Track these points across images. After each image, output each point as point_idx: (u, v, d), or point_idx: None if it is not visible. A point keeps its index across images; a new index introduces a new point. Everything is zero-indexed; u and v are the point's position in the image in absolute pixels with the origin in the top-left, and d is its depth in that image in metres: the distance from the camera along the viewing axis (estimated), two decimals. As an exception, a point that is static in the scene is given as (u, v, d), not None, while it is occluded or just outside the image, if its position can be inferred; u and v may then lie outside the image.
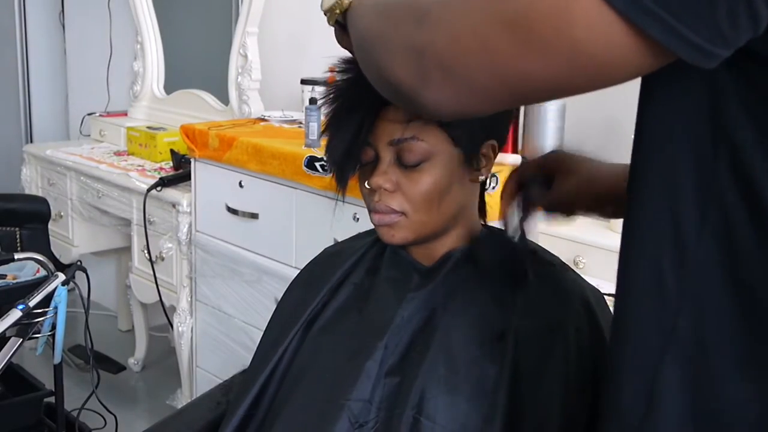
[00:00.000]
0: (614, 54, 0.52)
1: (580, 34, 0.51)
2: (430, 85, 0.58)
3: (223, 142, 2.16)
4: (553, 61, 0.53)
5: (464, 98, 0.58)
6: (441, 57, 0.57)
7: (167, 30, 3.19)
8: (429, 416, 0.92)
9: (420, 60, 0.58)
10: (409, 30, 0.59)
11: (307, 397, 1.01)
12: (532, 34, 0.52)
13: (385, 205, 0.99)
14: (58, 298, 1.75)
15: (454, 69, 0.56)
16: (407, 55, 0.59)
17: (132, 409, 2.79)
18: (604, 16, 0.50)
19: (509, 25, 0.53)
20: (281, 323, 1.14)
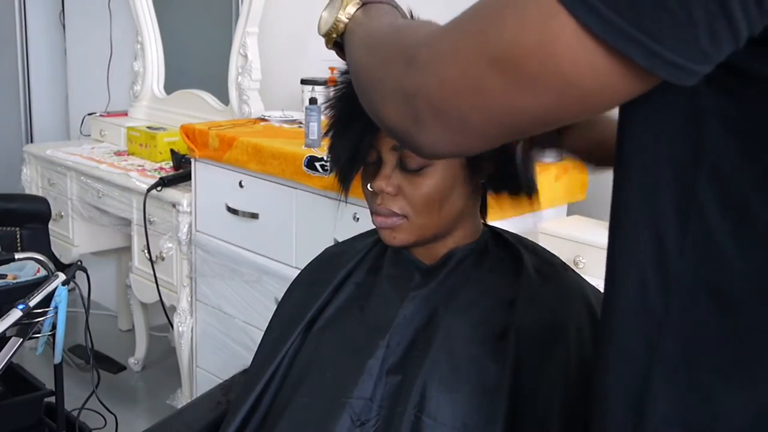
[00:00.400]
0: (601, 81, 0.52)
1: (566, 66, 0.51)
2: (423, 128, 0.58)
3: (223, 142, 2.16)
4: (543, 95, 0.53)
5: (459, 138, 0.59)
6: (432, 100, 0.57)
7: (167, 30, 3.19)
8: (430, 414, 0.93)
9: (411, 104, 0.58)
10: (399, 73, 0.60)
11: (310, 396, 1.01)
12: (519, 71, 0.52)
13: (387, 209, 1.00)
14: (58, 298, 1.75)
15: (446, 111, 0.57)
16: (399, 99, 0.60)
17: (132, 409, 2.79)
18: (586, 45, 0.50)
19: (496, 63, 0.53)
20: (283, 323, 1.15)
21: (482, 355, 0.95)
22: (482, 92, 0.54)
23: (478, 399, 0.93)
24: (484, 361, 0.95)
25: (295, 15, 2.75)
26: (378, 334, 1.00)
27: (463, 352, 0.96)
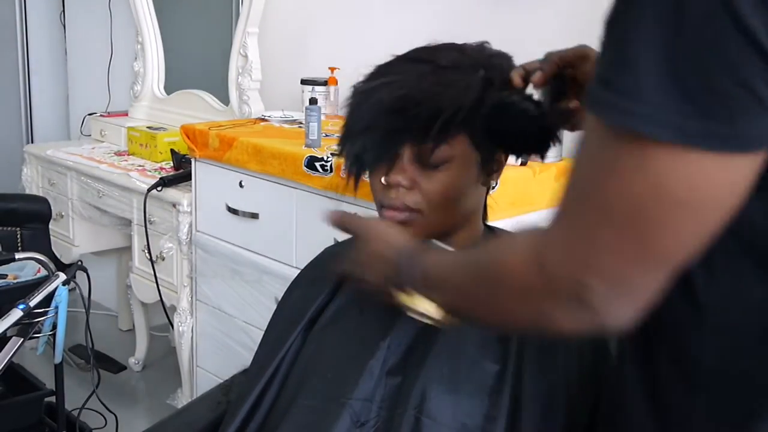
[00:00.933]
0: (727, 187, 0.56)
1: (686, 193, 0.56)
2: (604, 315, 0.61)
3: (223, 142, 2.16)
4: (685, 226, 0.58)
5: (644, 298, 0.61)
6: (602, 292, 0.60)
7: (167, 30, 3.19)
8: (430, 415, 0.93)
9: (581, 307, 0.61)
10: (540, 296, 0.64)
11: (311, 398, 1.01)
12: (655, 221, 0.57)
13: (402, 202, 0.99)
14: (58, 298, 1.75)
15: (619, 292, 0.60)
16: (567, 308, 0.62)
17: (132, 409, 2.79)
18: (691, 162, 0.54)
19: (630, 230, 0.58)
20: (283, 323, 1.15)
21: (483, 356, 0.95)
22: (636, 255, 0.58)
23: (478, 400, 0.93)
24: (484, 362, 0.95)
25: (295, 15, 2.76)
26: (379, 335, 1.00)
27: (464, 353, 0.96)
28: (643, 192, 0.55)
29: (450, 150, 0.97)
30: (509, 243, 0.70)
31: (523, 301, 0.66)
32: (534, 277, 0.62)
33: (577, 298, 0.60)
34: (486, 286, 0.70)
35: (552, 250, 0.61)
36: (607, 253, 0.58)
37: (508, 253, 0.67)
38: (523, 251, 0.64)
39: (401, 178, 0.98)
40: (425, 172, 0.98)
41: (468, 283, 0.73)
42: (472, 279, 0.72)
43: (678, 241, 0.57)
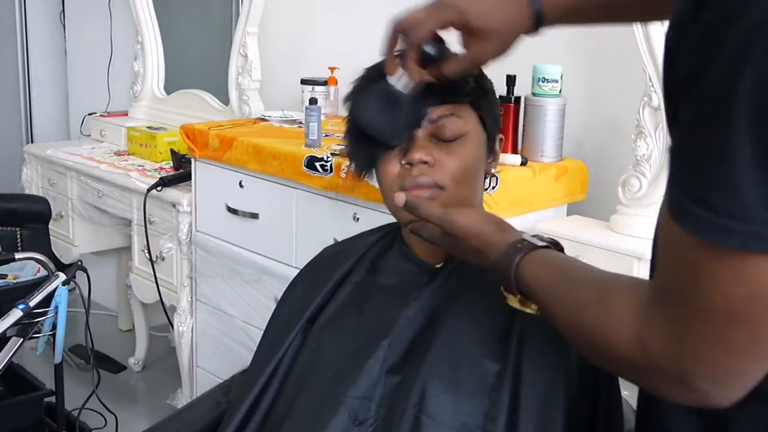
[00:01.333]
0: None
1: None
2: (715, 395, 0.63)
3: (223, 142, 2.16)
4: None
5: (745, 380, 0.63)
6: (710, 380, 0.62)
7: (167, 30, 3.19)
8: (430, 414, 0.93)
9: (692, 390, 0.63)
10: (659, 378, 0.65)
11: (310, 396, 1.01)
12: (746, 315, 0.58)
13: (428, 179, 0.99)
14: (58, 298, 1.75)
15: (724, 376, 0.62)
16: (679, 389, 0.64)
17: (132, 409, 2.79)
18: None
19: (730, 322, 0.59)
20: (282, 322, 1.15)
21: (483, 354, 0.95)
22: (733, 346, 0.59)
23: (478, 399, 0.93)
24: (484, 361, 0.95)
25: (295, 15, 2.76)
26: (381, 334, 1.00)
27: (463, 352, 0.96)
28: (747, 297, 0.56)
29: (464, 124, 1.01)
30: (612, 308, 0.69)
31: (627, 369, 0.68)
32: (639, 358, 0.64)
33: (683, 382, 0.62)
34: (590, 341, 0.71)
35: (656, 340, 0.62)
36: (714, 349, 0.59)
37: (611, 324, 0.67)
38: (627, 332, 0.65)
39: (423, 154, 0.99)
40: (444, 148, 1.00)
41: (571, 325, 0.75)
42: (575, 324, 0.73)
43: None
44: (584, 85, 2.00)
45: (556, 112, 1.87)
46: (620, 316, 0.66)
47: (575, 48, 1.98)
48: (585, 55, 2.00)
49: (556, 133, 1.88)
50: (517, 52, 0.93)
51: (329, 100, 2.44)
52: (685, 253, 0.58)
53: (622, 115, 1.87)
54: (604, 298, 0.70)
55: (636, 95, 1.70)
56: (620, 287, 0.69)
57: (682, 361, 0.61)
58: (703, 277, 0.57)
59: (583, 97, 1.99)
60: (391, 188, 1.02)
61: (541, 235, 0.88)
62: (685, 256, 0.59)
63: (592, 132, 2.03)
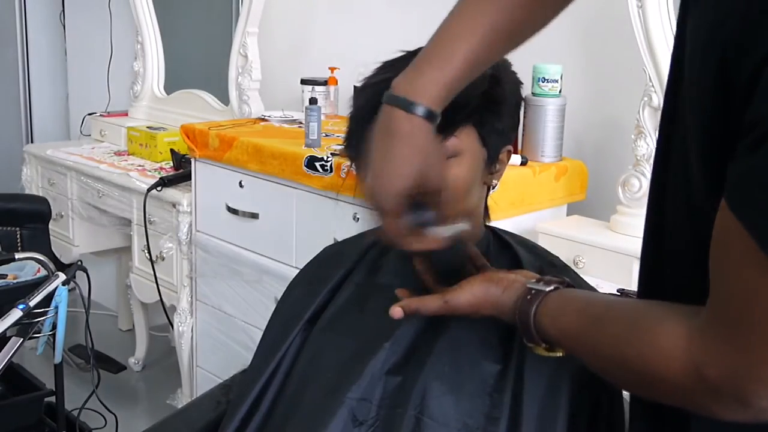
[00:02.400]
0: None
1: None
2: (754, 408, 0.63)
3: (223, 142, 2.16)
4: None
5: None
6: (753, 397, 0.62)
7: (167, 30, 3.19)
8: (431, 415, 0.92)
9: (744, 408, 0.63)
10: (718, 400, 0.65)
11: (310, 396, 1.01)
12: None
13: None
14: (58, 298, 1.75)
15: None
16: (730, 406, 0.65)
17: (132, 409, 2.79)
18: None
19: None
20: (282, 323, 1.14)
21: (484, 355, 0.95)
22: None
23: (480, 400, 0.93)
24: (486, 362, 0.95)
25: (295, 15, 2.76)
26: (381, 335, 1.00)
27: (465, 353, 0.96)
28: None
29: (459, 143, 0.98)
30: (657, 339, 0.69)
31: (679, 397, 0.68)
32: (693, 384, 0.64)
33: (742, 402, 0.62)
34: (634, 374, 0.71)
35: (714, 361, 0.62)
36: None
37: (660, 353, 0.67)
38: (679, 356, 0.65)
39: None
40: None
41: (610, 365, 0.75)
42: (615, 364, 0.73)
43: None
44: (584, 85, 2.00)
45: (556, 112, 1.87)
46: (669, 346, 0.66)
47: (575, 48, 1.98)
48: (585, 55, 2.00)
49: (556, 133, 1.88)
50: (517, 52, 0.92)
51: (329, 100, 2.44)
52: (743, 270, 0.59)
53: (622, 115, 1.87)
54: (644, 331, 0.69)
55: (636, 95, 1.70)
56: (659, 317, 0.69)
57: (742, 382, 0.61)
58: (764, 296, 0.58)
59: (583, 97, 1.99)
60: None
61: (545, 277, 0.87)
62: (743, 275, 0.59)
63: (592, 132, 2.03)
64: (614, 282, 1.60)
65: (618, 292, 1.56)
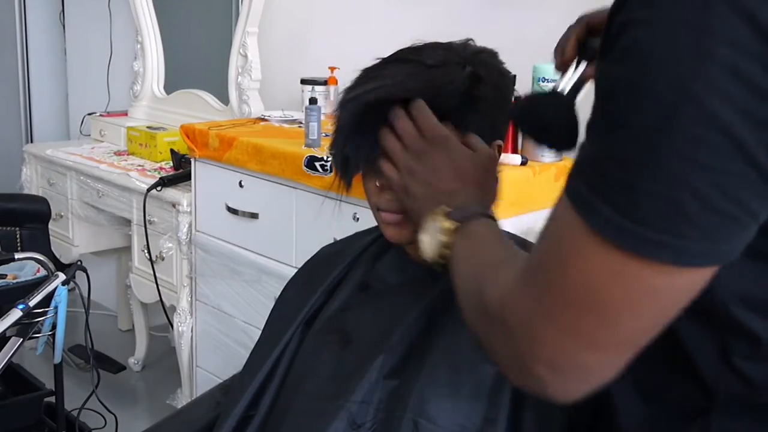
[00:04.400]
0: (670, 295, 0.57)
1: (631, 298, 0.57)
2: (548, 385, 0.62)
3: (223, 142, 2.16)
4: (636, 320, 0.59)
5: (586, 378, 0.62)
6: (544, 362, 0.61)
7: (167, 30, 3.19)
8: (429, 418, 0.92)
9: (525, 370, 0.62)
10: (500, 343, 0.65)
11: (308, 399, 1.01)
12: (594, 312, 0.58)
13: (398, 205, 0.98)
14: (58, 298, 1.75)
15: (561, 365, 0.61)
16: (512, 365, 0.64)
17: (132, 409, 2.79)
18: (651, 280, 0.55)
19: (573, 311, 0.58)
20: (277, 323, 1.14)
21: (482, 357, 0.95)
22: (580, 335, 0.58)
23: (477, 401, 0.93)
24: (483, 364, 0.94)
25: (295, 15, 2.75)
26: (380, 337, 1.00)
27: (462, 355, 0.95)
28: (619, 294, 0.56)
29: None
30: (499, 270, 0.69)
31: (488, 331, 0.68)
32: (499, 322, 0.64)
33: (524, 362, 0.61)
34: (474, 306, 0.71)
35: (515, 308, 0.62)
36: (559, 330, 0.59)
37: (491, 288, 0.67)
38: (499, 292, 0.65)
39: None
40: None
41: (462, 295, 0.75)
42: (467, 294, 0.74)
43: (636, 333, 0.59)
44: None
45: (556, 112, 1.87)
46: (500, 282, 0.66)
47: (575, 48, 1.98)
48: (585, 55, 2.00)
49: (556, 133, 1.88)
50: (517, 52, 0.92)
51: (329, 99, 2.44)
52: (563, 234, 0.59)
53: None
54: (497, 267, 0.70)
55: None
56: (515, 259, 0.69)
57: (529, 337, 0.60)
58: (576, 260, 0.57)
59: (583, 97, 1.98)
60: (369, 202, 1.03)
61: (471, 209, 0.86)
62: (562, 239, 0.59)
63: (592, 132, 2.02)
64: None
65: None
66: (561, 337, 0.58)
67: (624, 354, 0.59)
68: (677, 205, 0.52)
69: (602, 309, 0.57)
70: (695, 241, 0.53)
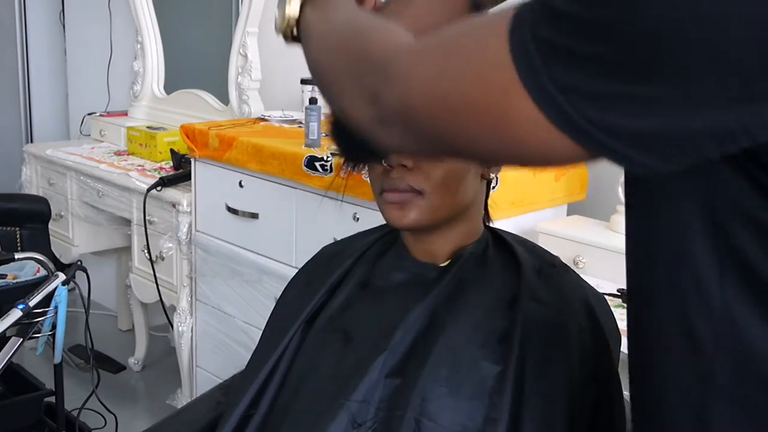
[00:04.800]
0: (555, 155, 0.52)
1: (518, 136, 0.52)
2: (387, 131, 0.61)
3: (223, 142, 2.16)
4: (492, 148, 0.55)
5: (417, 147, 0.62)
6: (399, 113, 0.59)
7: (167, 30, 3.19)
8: (430, 417, 0.92)
9: (380, 110, 0.60)
10: (371, 82, 0.62)
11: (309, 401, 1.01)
12: (472, 122, 0.54)
13: (406, 183, 0.98)
14: (58, 298, 1.75)
15: (411, 125, 0.59)
16: (367, 102, 0.62)
17: (132, 409, 2.79)
18: (543, 126, 0.50)
19: (453, 108, 0.55)
20: (279, 323, 1.14)
21: (483, 357, 0.95)
22: (440, 123, 0.56)
23: (479, 401, 0.93)
24: (485, 363, 0.94)
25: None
26: (380, 336, 1.00)
27: (464, 355, 0.95)
28: (483, 99, 0.52)
29: None
30: (389, 30, 0.66)
31: (353, 85, 0.65)
32: (373, 74, 0.62)
33: (376, 106, 0.60)
34: (345, 53, 0.68)
35: (397, 67, 0.59)
36: (418, 102, 0.57)
37: (378, 40, 0.64)
38: (389, 53, 0.62)
39: (403, 157, 0.98)
40: None
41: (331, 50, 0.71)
42: (340, 47, 0.70)
43: (466, 145, 0.57)
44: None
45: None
46: (392, 39, 0.63)
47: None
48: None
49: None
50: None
51: (329, 100, 2.44)
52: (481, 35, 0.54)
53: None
54: (381, 30, 0.67)
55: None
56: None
57: (397, 86, 0.58)
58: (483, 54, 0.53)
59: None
60: (374, 188, 1.03)
61: None
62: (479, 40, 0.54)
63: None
64: (614, 282, 1.60)
65: (618, 292, 1.56)
66: (424, 107, 0.56)
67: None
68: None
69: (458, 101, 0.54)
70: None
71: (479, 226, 1.08)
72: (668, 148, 0.48)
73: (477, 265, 1.03)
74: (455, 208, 1.02)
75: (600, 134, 0.48)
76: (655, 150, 0.48)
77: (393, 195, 0.99)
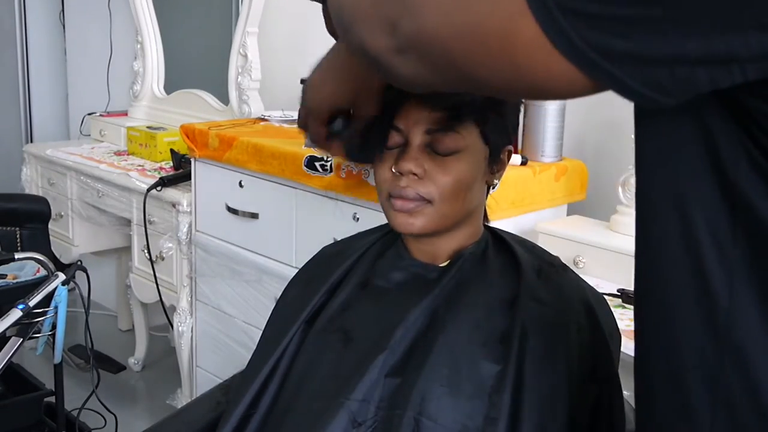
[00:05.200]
0: (555, 81, 0.54)
1: (521, 60, 0.53)
2: (405, 60, 0.62)
3: (223, 142, 2.16)
4: (499, 75, 0.56)
5: (429, 79, 0.63)
6: (416, 41, 0.60)
7: (167, 30, 3.19)
8: (430, 416, 0.92)
9: (397, 41, 0.62)
10: (391, 10, 0.63)
11: (308, 397, 1.01)
12: (478, 49, 0.55)
13: (414, 191, 0.99)
14: (58, 298, 1.75)
15: (426, 55, 0.60)
16: (386, 32, 0.63)
17: (132, 409, 2.79)
18: (544, 48, 0.51)
19: (463, 34, 0.56)
20: (279, 323, 1.14)
21: (484, 356, 0.95)
22: (451, 49, 0.57)
23: (479, 400, 0.93)
24: (485, 363, 0.95)
25: (295, 15, 2.75)
26: (380, 336, 1.00)
27: (464, 354, 0.96)
28: (491, 25, 0.53)
29: (462, 140, 0.99)
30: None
31: (373, 15, 0.65)
32: (394, 3, 0.62)
33: (395, 34, 0.61)
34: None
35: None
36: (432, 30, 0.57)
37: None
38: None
39: (413, 165, 0.98)
40: (437, 161, 0.99)
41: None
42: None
43: (477, 73, 0.57)
44: (584, 85, 1.99)
45: (556, 112, 1.87)
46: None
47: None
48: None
49: (556, 133, 1.88)
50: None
51: (329, 100, 2.44)
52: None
53: (622, 115, 1.87)
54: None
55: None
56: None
57: (416, 17, 0.59)
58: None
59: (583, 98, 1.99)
60: (381, 192, 1.03)
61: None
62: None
63: (592, 132, 2.03)
64: (614, 282, 1.60)
65: (618, 292, 1.56)
66: (438, 36, 0.57)
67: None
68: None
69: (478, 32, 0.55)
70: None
71: (480, 227, 1.08)
72: (663, 76, 0.49)
73: (477, 265, 1.04)
74: (461, 215, 1.02)
75: (597, 56, 0.50)
76: (650, 77, 0.49)
77: (402, 203, 0.99)
